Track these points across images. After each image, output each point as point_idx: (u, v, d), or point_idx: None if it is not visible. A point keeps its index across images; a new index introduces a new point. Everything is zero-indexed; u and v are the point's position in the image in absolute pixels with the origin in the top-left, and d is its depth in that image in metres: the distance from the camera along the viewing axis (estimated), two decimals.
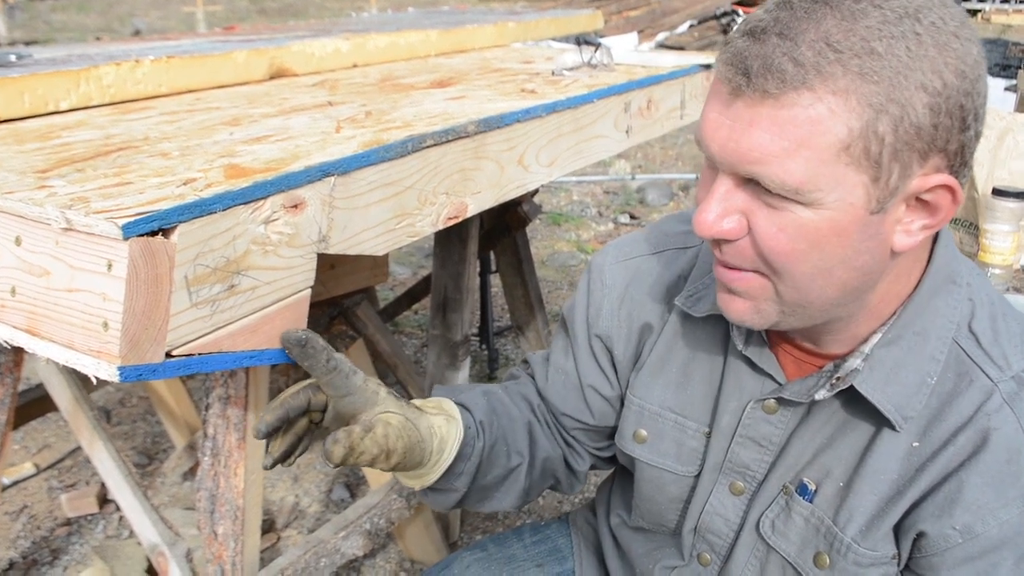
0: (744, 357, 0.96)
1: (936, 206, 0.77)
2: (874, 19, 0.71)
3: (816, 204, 0.74)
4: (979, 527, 0.81)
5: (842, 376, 0.87)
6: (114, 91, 1.48)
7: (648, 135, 1.78)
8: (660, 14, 10.11)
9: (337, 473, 2.64)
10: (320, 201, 1.00)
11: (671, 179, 5.58)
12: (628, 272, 1.09)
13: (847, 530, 0.89)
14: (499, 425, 1.07)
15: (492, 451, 1.05)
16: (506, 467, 1.07)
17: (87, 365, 0.82)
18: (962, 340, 0.86)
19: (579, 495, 2.54)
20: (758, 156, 0.73)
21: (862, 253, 0.78)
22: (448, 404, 1.04)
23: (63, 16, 14.25)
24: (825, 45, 0.70)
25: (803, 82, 0.71)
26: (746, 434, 0.96)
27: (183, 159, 1.05)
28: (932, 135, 0.73)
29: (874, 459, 0.87)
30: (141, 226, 0.79)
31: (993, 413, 0.83)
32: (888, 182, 0.74)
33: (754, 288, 0.82)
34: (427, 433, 0.97)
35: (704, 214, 0.79)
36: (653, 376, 1.05)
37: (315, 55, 1.87)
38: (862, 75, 0.70)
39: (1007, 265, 2.11)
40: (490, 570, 1.24)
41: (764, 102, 0.72)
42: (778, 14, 0.73)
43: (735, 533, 1.00)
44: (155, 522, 1.90)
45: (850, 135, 0.71)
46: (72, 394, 1.97)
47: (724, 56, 0.76)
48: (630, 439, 1.07)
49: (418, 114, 1.32)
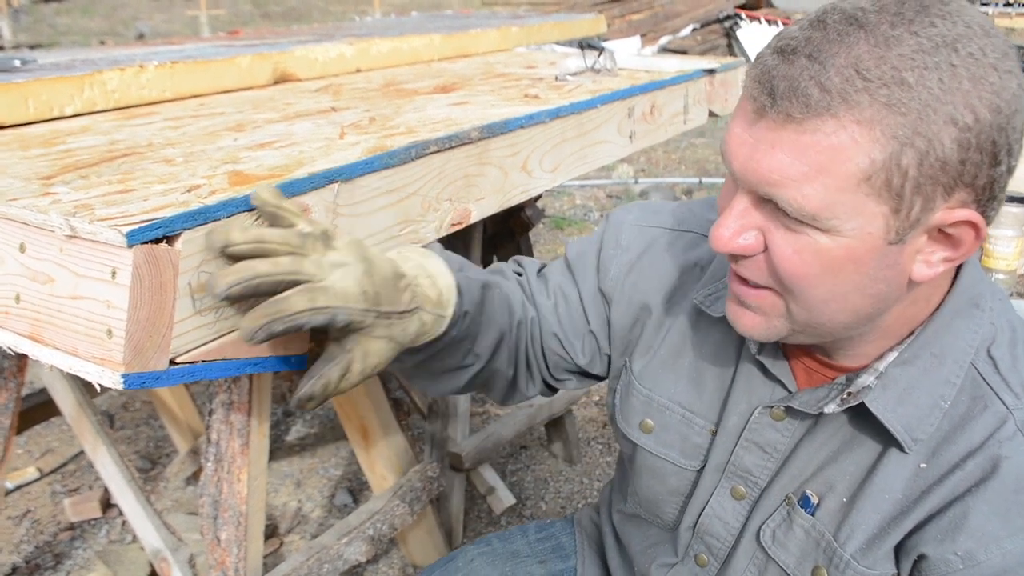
0: (757, 362, 0.95)
1: (959, 240, 0.76)
2: (908, 47, 0.69)
3: (833, 231, 0.73)
4: (982, 555, 0.80)
5: (853, 392, 0.86)
6: (118, 96, 1.48)
7: (652, 140, 1.78)
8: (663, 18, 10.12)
9: (340, 478, 2.64)
10: (324, 208, 1.00)
11: (674, 183, 5.58)
12: (645, 239, 1.08)
13: (847, 546, 0.88)
14: (477, 323, 1.00)
15: (458, 345, 1.00)
16: (460, 363, 1.03)
17: (91, 373, 0.82)
18: (980, 364, 0.85)
19: (584, 498, 2.54)
20: (777, 179, 0.73)
21: (878, 281, 0.77)
22: (449, 294, 0.94)
23: (67, 19, 14.28)
24: (854, 72, 0.69)
25: (827, 109, 0.69)
26: (751, 438, 0.96)
27: (187, 165, 1.05)
28: (959, 170, 0.71)
29: (880, 477, 0.86)
30: (145, 233, 0.79)
31: (1005, 441, 0.81)
32: (909, 214, 0.73)
33: (766, 305, 0.82)
34: (410, 339, 0.91)
35: (721, 229, 0.79)
36: (665, 369, 1.04)
37: (319, 60, 1.87)
38: (889, 106, 0.69)
39: (1011, 270, 2.10)
40: (494, 565, 1.25)
41: (787, 126, 0.71)
42: (811, 34, 0.72)
43: (734, 538, 1.00)
44: (158, 527, 1.91)
45: (872, 166, 0.70)
46: (75, 399, 1.97)
47: (753, 72, 0.75)
48: (636, 428, 1.07)
49: (422, 120, 1.32)
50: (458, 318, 0.96)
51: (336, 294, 0.81)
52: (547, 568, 1.26)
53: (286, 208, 0.84)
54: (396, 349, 0.89)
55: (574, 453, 2.72)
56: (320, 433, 2.89)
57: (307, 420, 2.97)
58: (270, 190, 0.84)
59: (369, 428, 1.95)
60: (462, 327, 0.97)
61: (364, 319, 0.83)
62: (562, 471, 2.69)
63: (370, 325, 0.84)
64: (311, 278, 0.80)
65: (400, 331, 0.88)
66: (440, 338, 0.95)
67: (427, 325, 0.92)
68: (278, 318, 0.78)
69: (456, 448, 2.18)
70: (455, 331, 0.96)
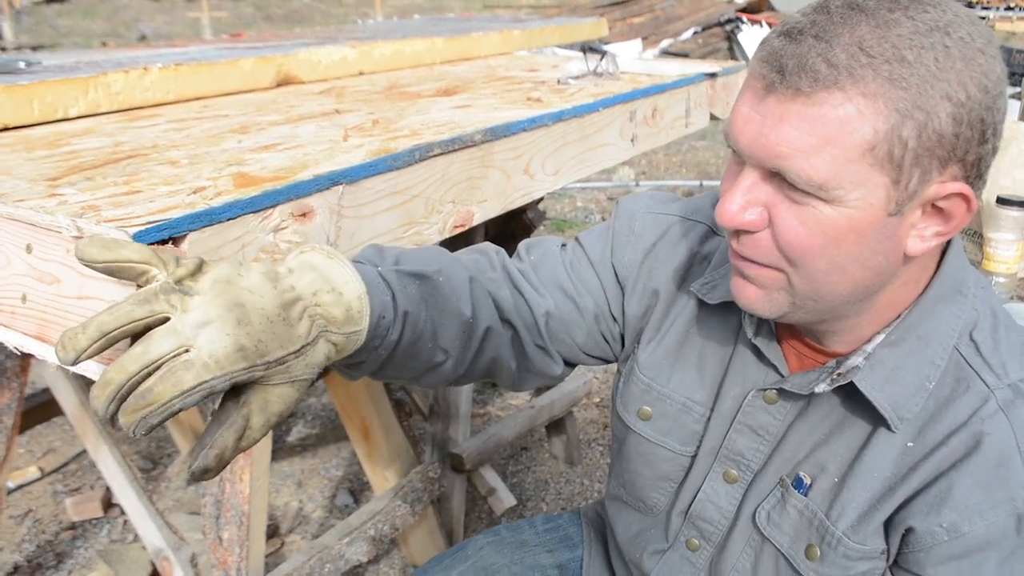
0: (752, 346, 0.98)
1: (950, 214, 0.80)
2: (906, 29, 0.74)
3: (838, 201, 0.77)
4: (965, 527, 0.83)
5: (843, 372, 0.89)
6: (122, 98, 1.49)
7: (653, 143, 1.79)
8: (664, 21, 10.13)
9: (341, 479, 2.65)
10: (328, 210, 1.01)
11: (675, 186, 5.59)
12: (660, 227, 1.09)
13: (839, 524, 0.91)
14: (426, 318, 0.91)
15: (412, 347, 0.90)
16: (427, 362, 0.94)
17: (97, 372, 0.83)
18: (962, 347, 0.88)
19: (585, 500, 2.55)
20: (786, 151, 0.76)
21: (877, 253, 0.80)
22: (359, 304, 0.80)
23: (69, 21, 14.29)
24: (858, 49, 0.74)
25: (835, 82, 0.74)
26: (745, 421, 0.98)
27: (192, 167, 1.06)
28: (953, 144, 0.76)
29: (869, 457, 0.89)
30: (152, 235, 0.80)
31: (987, 418, 0.85)
32: (908, 186, 0.76)
33: (768, 278, 0.84)
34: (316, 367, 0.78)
35: (728, 204, 0.82)
36: (668, 358, 1.06)
37: (322, 63, 1.88)
38: (891, 80, 0.73)
39: (1011, 274, 2.11)
40: (502, 553, 1.27)
41: (796, 99, 0.75)
42: (815, 17, 0.76)
43: (729, 522, 1.02)
44: (160, 527, 1.91)
45: (876, 136, 0.74)
46: (78, 398, 1.98)
47: (760, 55, 0.79)
48: (634, 414, 1.08)
49: (425, 123, 1.33)
50: (390, 320, 0.85)
51: (206, 365, 0.68)
52: (555, 557, 1.28)
53: (123, 260, 0.70)
54: (302, 388, 0.77)
55: (575, 454, 2.72)
56: (321, 434, 2.90)
57: (308, 421, 2.98)
58: (97, 244, 0.70)
59: (370, 429, 1.96)
60: (403, 329, 0.87)
61: (251, 376, 0.71)
62: (563, 472, 2.70)
63: (262, 376, 0.72)
64: (168, 354, 0.67)
65: (303, 368, 0.75)
66: (376, 345, 0.85)
67: (340, 345, 0.80)
68: (150, 412, 0.67)
69: (457, 449, 2.19)
70: (394, 334, 0.86)
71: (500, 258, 1.08)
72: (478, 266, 1.04)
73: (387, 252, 0.93)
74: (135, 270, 0.70)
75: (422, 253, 0.96)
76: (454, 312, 0.94)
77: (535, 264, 1.10)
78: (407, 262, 0.92)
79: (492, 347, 1.01)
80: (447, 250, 1.03)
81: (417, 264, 0.92)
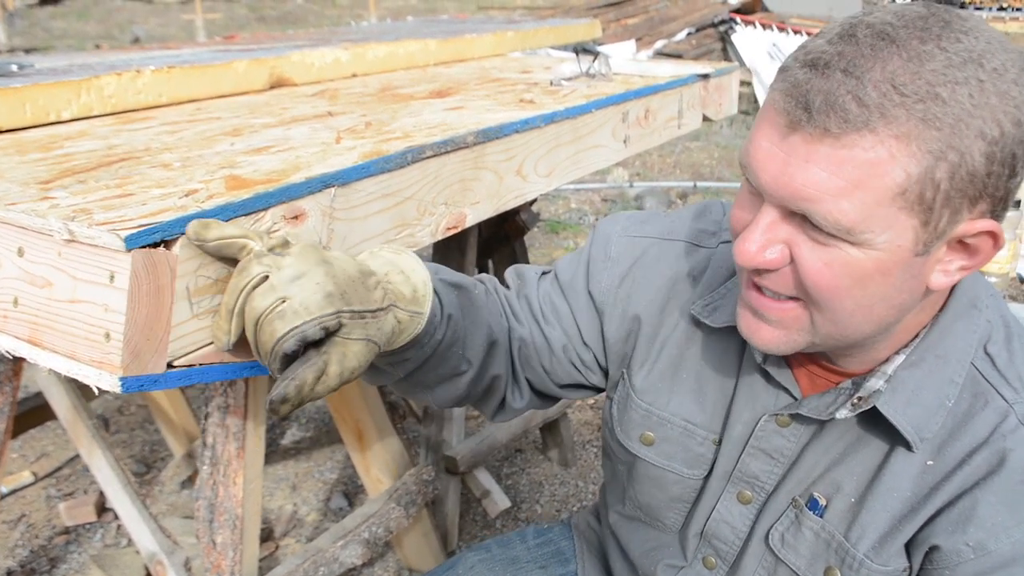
0: (761, 370, 0.96)
1: (977, 249, 0.78)
2: (939, 62, 0.70)
3: (866, 244, 0.74)
4: (992, 544, 0.82)
5: (864, 397, 0.88)
6: (115, 101, 1.49)
7: (646, 144, 1.79)
8: (658, 22, 10.13)
9: (335, 482, 2.65)
10: (320, 212, 1.01)
11: (669, 187, 5.59)
12: (636, 250, 1.07)
13: (859, 546, 0.89)
14: (463, 326, 0.98)
15: (448, 350, 0.97)
16: (454, 370, 1.00)
17: (89, 376, 0.83)
18: (978, 362, 0.87)
19: (580, 502, 2.55)
20: (813, 193, 0.73)
21: (902, 292, 0.78)
22: (424, 289, 0.90)
23: (63, 23, 14.26)
24: (891, 87, 0.70)
25: (866, 124, 0.70)
26: (758, 446, 0.97)
27: (184, 170, 1.05)
28: (984, 183, 0.73)
29: (888, 477, 0.88)
30: (144, 238, 0.80)
31: (1009, 434, 0.84)
32: (937, 227, 0.74)
33: (789, 318, 0.82)
34: (386, 339, 0.87)
35: (747, 244, 0.79)
36: (664, 382, 1.04)
37: (315, 65, 1.88)
38: (925, 121, 0.70)
39: (1003, 274, 2.12)
40: (494, 571, 1.25)
41: (824, 140, 0.71)
42: (842, 48, 0.72)
43: (742, 541, 1.01)
44: (153, 531, 1.91)
45: (908, 180, 0.71)
46: (71, 402, 1.98)
47: (782, 86, 0.75)
48: (636, 441, 1.07)
49: (417, 124, 1.33)
50: (439, 319, 0.92)
51: (297, 311, 0.77)
52: (547, 573, 1.26)
53: (228, 236, 0.81)
54: (374, 351, 0.84)
55: (569, 456, 2.72)
56: (316, 437, 2.90)
57: (303, 424, 2.97)
58: (205, 225, 0.81)
59: (364, 432, 1.96)
60: (447, 330, 0.94)
61: (337, 323, 0.79)
62: (557, 474, 2.70)
63: (345, 326, 0.80)
64: (268, 307, 0.78)
65: (376, 330, 0.83)
66: (425, 342, 0.92)
67: (403, 323, 0.87)
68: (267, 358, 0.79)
69: (451, 451, 2.19)
70: (439, 334, 0.93)
71: (493, 284, 1.12)
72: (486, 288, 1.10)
73: (427, 264, 0.98)
74: (237, 244, 0.81)
75: (457, 273, 1.03)
76: (483, 323, 1.01)
77: (517, 290, 1.13)
78: (446, 273, 0.99)
79: (497, 363, 1.05)
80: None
81: (456, 275, 1.00)
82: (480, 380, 1.05)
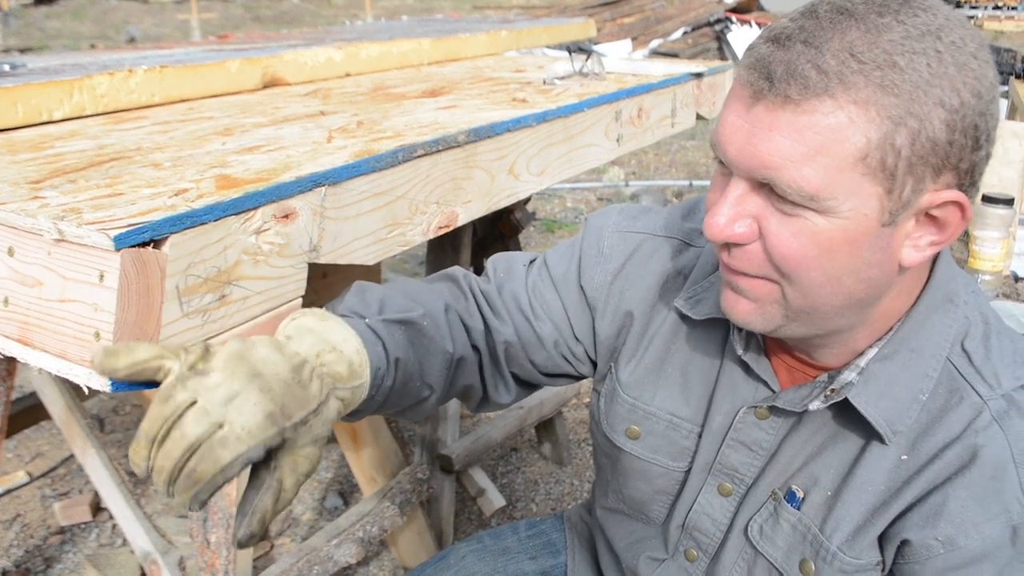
0: (741, 362, 0.97)
1: (945, 222, 0.78)
2: (897, 34, 0.72)
3: (830, 212, 0.75)
4: (961, 540, 0.83)
5: (837, 388, 0.88)
6: (107, 101, 1.49)
7: (639, 143, 1.79)
8: (654, 21, 10.15)
9: (331, 481, 2.65)
10: (311, 211, 1.01)
11: (665, 186, 5.60)
12: (629, 246, 1.07)
13: (833, 539, 0.90)
14: (414, 360, 0.94)
15: (404, 387, 0.94)
16: (416, 398, 0.98)
17: (80, 375, 0.83)
18: (954, 358, 0.87)
19: (575, 500, 2.55)
20: (776, 161, 0.74)
21: (872, 265, 0.79)
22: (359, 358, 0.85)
23: (58, 23, 14.24)
24: (849, 55, 0.72)
25: (825, 90, 0.72)
26: (737, 438, 0.98)
27: (175, 169, 1.05)
28: (947, 151, 0.74)
29: (863, 470, 0.88)
30: (133, 237, 0.80)
31: (982, 430, 0.84)
32: (901, 195, 0.75)
33: (761, 291, 0.83)
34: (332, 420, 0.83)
35: (716, 217, 0.80)
36: (650, 376, 1.05)
37: (308, 64, 1.88)
38: (883, 87, 0.72)
39: (997, 272, 2.12)
40: (485, 561, 1.26)
41: (785, 107, 0.73)
42: (803, 22, 0.75)
43: (723, 534, 1.01)
44: (148, 530, 1.91)
45: (868, 145, 0.73)
46: (65, 402, 1.98)
47: (747, 61, 0.77)
48: (622, 434, 1.08)
49: (409, 124, 1.33)
50: (384, 370, 0.89)
51: (240, 436, 0.71)
52: (538, 564, 1.27)
53: (140, 361, 0.74)
54: (323, 444, 0.81)
55: (564, 455, 2.73)
56: None
57: None
58: (111, 354, 0.73)
59: (359, 431, 1.96)
60: (396, 374, 0.91)
61: (282, 438, 0.75)
62: (552, 472, 2.70)
63: (290, 438, 0.76)
64: (204, 435, 0.71)
65: (321, 426, 0.79)
66: (374, 395, 0.89)
67: (347, 401, 0.84)
68: (199, 490, 0.72)
69: (446, 450, 2.19)
70: (388, 381, 0.90)
71: (467, 281, 1.09)
72: (452, 294, 1.06)
73: (369, 297, 0.95)
74: (151, 368, 0.74)
75: (402, 292, 0.99)
76: (438, 351, 0.98)
77: (499, 284, 1.10)
78: (391, 308, 0.94)
79: (464, 375, 1.04)
80: (420, 282, 1.06)
81: (401, 310, 0.95)
82: (448, 395, 1.05)
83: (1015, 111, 3.96)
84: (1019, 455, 0.83)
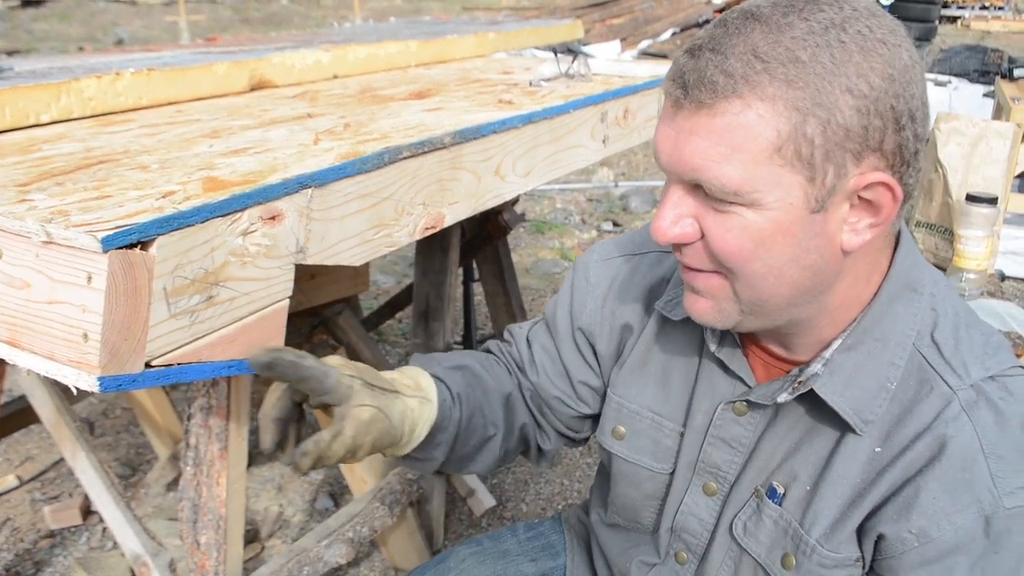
0: (717, 359, 0.99)
1: (878, 204, 0.80)
2: (799, 30, 0.76)
3: (757, 205, 0.78)
4: (934, 531, 0.83)
5: (803, 380, 0.90)
6: (95, 104, 1.49)
7: (625, 144, 1.80)
8: (643, 22, 10.17)
9: (321, 482, 2.65)
10: (297, 213, 1.02)
11: (654, 186, 5.61)
12: (611, 271, 1.12)
13: (812, 532, 0.91)
14: (475, 397, 1.08)
15: (470, 423, 1.07)
16: (483, 436, 1.10)
17: (68, 376, 0.84)
18: (924, 349, 0.88)
19: (565, 500, 2.56)
20: (699, 162, 0.79)
21: (810, 252, 0.81)
22: (425, 380, 1.04)
23: (45, 25, 14.18)
24: (752, 56, 0.76)
25: (733, 91, 0.76)
26: (717, 434, 0.99)
27: (162, 172, 1.06)
28: (863, 135, 0.77)
29: (838, 463, 0.90)
30: (120, 239, 0.81)
31: (951, 421, 0.85)
32: (824, 181, 0.78)
33: (714, 287, 0.86)
34: (399, 419, 0.97)
35: (660, 221, 0.84)
36: (634, 376, 1.08)
37: (295, 67, 1.89)
38: (788, 82, 0.75)
39: (981, 270, 2.14)
40: (484, 564, 1.27)
41: (700, 112, 0.78)
42: (713, 32, 0.79)
43: (709, 534, 1.02)
44: (138, 533, 1.91)
45: (779, 138, 0.76)
46: (55, 405, 1.97)
47: (668, 74, 0.82)
48: (609, 435, 1.10)
49: (395, 126, 1.34)
50: (450, 401, 1.04)
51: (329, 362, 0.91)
52: (538, 566, 1.28)
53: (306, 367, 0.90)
54: (385, 424, 0.94)
55: (554, 455, 2.73)
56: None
57: None
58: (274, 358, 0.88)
59: None
60: (462, 407, 1.05)
61: (352, 383, 0.91)
62: (542, 473, 2.71)
63: (358, 391, 0.91)
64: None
65: (385, 404, 0.94)
66: (446, 425, 1.03)
67: (415, 410, 0.98)
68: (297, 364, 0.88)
69: None
70: (456, 412, 1.04)
71: (496, 346, 1.23)
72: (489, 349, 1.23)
73: (431, 357, 1.12)
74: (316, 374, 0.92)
75: (453, 354, 1.16)
76: (492, 389, 1.12)
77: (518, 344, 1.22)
78: (446, 361, 1.11)
79: (519, 413, 1.16)
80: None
81: (454, 360, 1.12)
82: (511, 435, 1.15)
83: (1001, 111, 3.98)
84: (988, 445, 0.84)
